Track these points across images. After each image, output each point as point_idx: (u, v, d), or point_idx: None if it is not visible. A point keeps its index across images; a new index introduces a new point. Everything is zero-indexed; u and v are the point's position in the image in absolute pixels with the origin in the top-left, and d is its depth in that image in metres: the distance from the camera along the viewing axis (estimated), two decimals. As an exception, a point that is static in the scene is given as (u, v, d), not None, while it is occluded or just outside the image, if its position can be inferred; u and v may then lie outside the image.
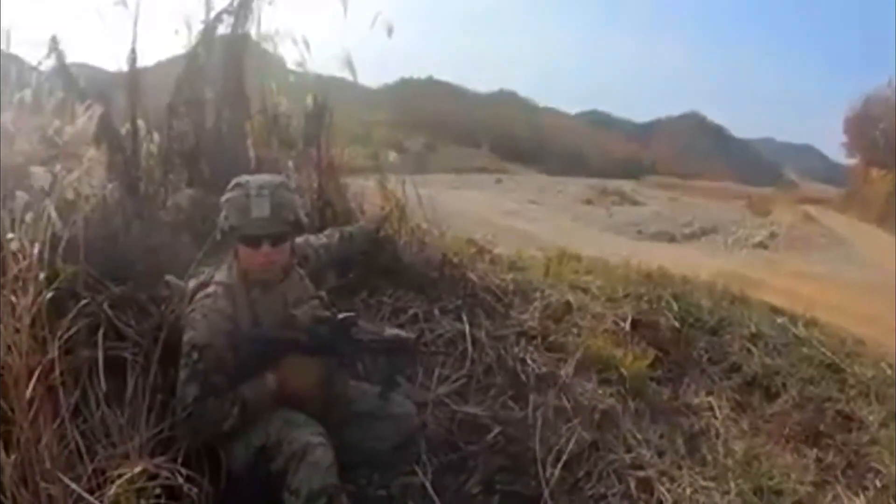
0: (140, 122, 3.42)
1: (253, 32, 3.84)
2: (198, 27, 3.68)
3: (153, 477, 2.28)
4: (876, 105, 37.17)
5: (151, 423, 2.50)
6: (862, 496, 3.62)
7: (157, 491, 2.27)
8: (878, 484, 3.74)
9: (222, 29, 3.73)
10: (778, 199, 35.69)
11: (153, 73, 3.87)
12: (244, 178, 2.56)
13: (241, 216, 2.47)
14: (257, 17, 3.81)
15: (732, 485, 3.42)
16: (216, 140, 3.69)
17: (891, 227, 23.57)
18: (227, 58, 3.77)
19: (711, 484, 3.41)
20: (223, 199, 2.52)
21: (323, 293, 2.71)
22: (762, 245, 18.43)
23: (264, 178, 2.64)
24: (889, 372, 5.11)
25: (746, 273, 10.83)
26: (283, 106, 4.02)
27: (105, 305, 2.72)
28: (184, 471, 2.34)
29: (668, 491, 3.27)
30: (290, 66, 4.01)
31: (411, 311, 3.66)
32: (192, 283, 2.61)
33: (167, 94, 3.68)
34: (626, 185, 37.21)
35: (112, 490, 2.19)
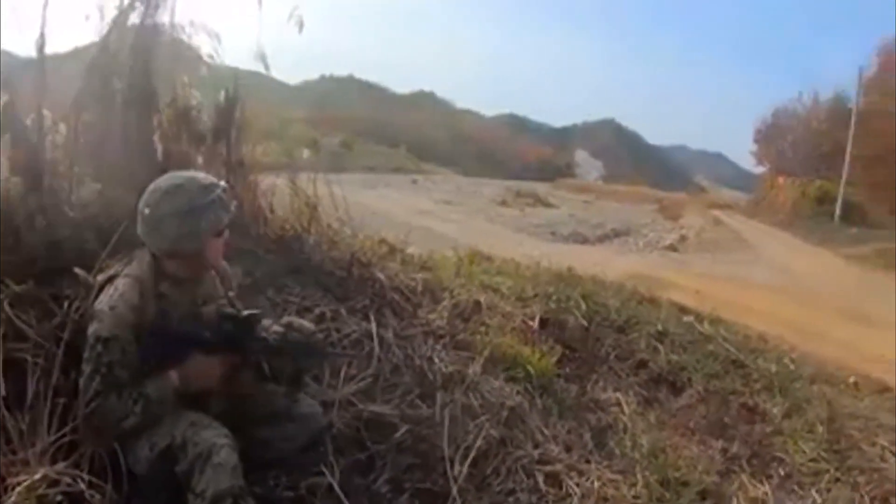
0: (46, 112, 3.27)
1: (167, 22, 3.72)
2: (111, 14, 3.54)
3: (54, 483, 2.22)
4: (784, 117, 39.25)
5: (53, 428, 2.42)
6: (766, 484, 3.75)
7: (59, 498, 2.21)
8: (782, 472, 3.90)
9: (134, 18, 3.60)
10: (689, 204, 37.08)
11: (71, 59, 3.73)
12: (198, 178, 2.53)
13: (229, 209, 2.52)
14: (171, 7, 3.70)
15: (640, 477, 3.50)
16: (123, 133, 3.56)
17: (796, 231, 24.89)
18: (138, 48, 3.62)
19: (619, 476, 3.48)
20: (195, 204, 2.41)
21: (232, 293, 2.68)
22: (672, 247, 19.12)
23: (196, 173, 2.66)
24: (791, 366, 5.37)
25: (656, 274, 11.25)
26: (194, 99, 3.92)
27: (5, 304, 2.62)
28: (86, 476, 2.29)
29: (577, 485, 3.32)
30: (206, 58, 3.92)
31: (318, 310, 3.64)
32: (100, 278, 2.52)
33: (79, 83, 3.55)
34: (541, 188, 37.98)
35: (12, 498, 2.12)
